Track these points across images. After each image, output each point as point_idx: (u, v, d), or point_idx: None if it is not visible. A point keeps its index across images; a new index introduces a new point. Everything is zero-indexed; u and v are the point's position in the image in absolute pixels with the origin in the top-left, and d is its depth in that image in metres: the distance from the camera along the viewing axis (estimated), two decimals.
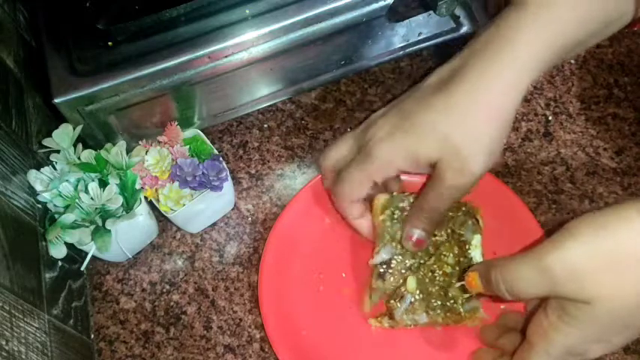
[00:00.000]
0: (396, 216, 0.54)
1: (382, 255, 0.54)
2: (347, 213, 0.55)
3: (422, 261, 0.54)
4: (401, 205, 0.54)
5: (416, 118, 0.47)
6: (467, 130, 0.44)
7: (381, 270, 0.53)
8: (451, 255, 0.55)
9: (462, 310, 0.54)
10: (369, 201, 0.56)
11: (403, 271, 0.53)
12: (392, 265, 0.53)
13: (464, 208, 0.56)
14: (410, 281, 0.54)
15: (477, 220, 0.57)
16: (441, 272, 0.55)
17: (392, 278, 0.53)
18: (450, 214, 0.55)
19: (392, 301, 0.54)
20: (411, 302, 0.54)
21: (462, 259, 0.55)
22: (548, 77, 0.71)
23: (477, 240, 0.56)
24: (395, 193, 0.55)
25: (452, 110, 0.45)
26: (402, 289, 0.54)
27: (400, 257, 0.53)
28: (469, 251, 0.56)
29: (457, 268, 0.55)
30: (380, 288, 0.53)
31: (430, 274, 0.55)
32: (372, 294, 0.55)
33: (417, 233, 0.51)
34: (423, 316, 0.54)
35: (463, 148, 0.45)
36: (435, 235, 0.54)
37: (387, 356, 0.57)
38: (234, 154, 0.69)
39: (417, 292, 0.54)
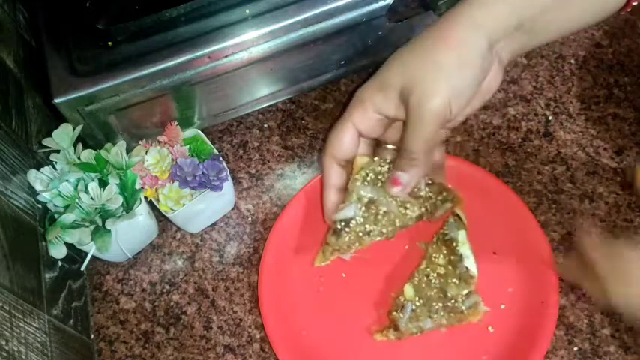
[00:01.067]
0: (369, 178, 0.53)
1: (345, 212, 0.52)
2: (326, 173, 0.54)
3: (384, 230, 0.53)
4: (378, 169, 0.53)
5: (387, 61, 0.50)
6: (426, 58, 0.46)
7: (339, 227, 0.52)
8: (441, 255, 0.56)
9: (463, 307, 0.54)
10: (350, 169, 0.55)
11: (361, 234, 0.52)
12: (351, 225, 0.52)
13: (444, 194, 0.56)
14: (407, 289, 0.55)
15: (459, 217, 0.58)
16: (435, 274, 0.55)
17: (347, 238, 0.52)
18: (430, 194, 0.55)
19: (394, 313, 0.55)
20: (412, 310, 0.54)
21: (452, 257, 0.56)
22: (548, 77, 0.71)
23: (462, 236, 0.57)
24: (376, 159, 0.54)
25: (415, 45, 0.48)
26: (402, 298, 0.55)
27: (362, 220, 0.52)
28: (457, 248, 0.56)
29: (450, 267, 0.55)
30: (333, 244, 0.53)
31: (425, 278, 0.55)
32: (324, 249, 0.55)
33: (398, 175, 0.51)
34: (428, 322, 0.54)
35: (422, 75, 0.46)
36: (406, 209, 0.53)
37: (387, 354, 0.57)
38: (234, 154, 0.69)
39: (416, 298, 0.54)
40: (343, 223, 0.52)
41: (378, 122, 0.51)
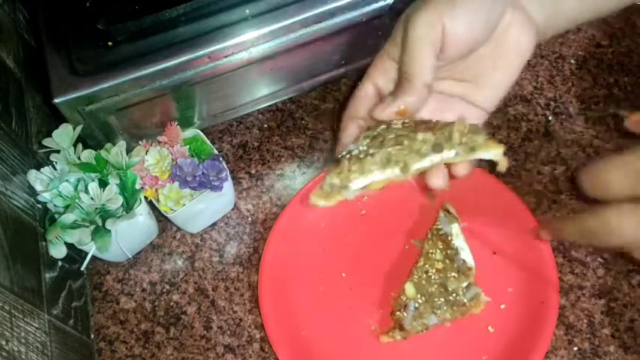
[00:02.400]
0: (378, 134, 0.45)
1: (349, 148, 0.45)
2: (341, 133, 0.48)
3: (391, 153, 0.42)
4: (391, 128, 0.44)
5: None
6: None
7: (339, 156, 0.45)
8: (437, 251, 0.57)
9: (465, 299, 0.54)
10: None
11: (362, 157, 0.43)
12: (352, 153, 0.44)
13: (472, 135, 0.44)
14: (408, 288, 0.55)
15: (449, 210, 0.59)
16: (434, 270, 0.56)
17: (347, 163, 0.43)
18: (446, 125, 0.43)
19: (397, 313, 0.55)
20: (415, 308, 0.54)
21: (448, 251, 0.57)
22: (548, 77, 0.71)
23: (455, 229, 0.58)
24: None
25: None
26: (403, 298, 0.55)
27: (365, 147, 0.44)
28: (453, 242, 0.57)
29: (447, 261, 0.56)
30: (331, 173, 0.43)
31: (424, 275, 0.56)
32: (322, 183, 0.44)
33: (385, 98, 0.45)
34: (432, 318, 0.54)
35: (417, 4, 0.42)
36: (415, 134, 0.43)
37: (387, 355, 0.57)
38: (234, 154, 0.69)
39: (418, 296, 0.54)
40: (344, 152, 0.44)
41: (395, 72, 0.46)
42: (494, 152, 0.41)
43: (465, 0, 0.41)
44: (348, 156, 0.44)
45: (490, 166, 0.65)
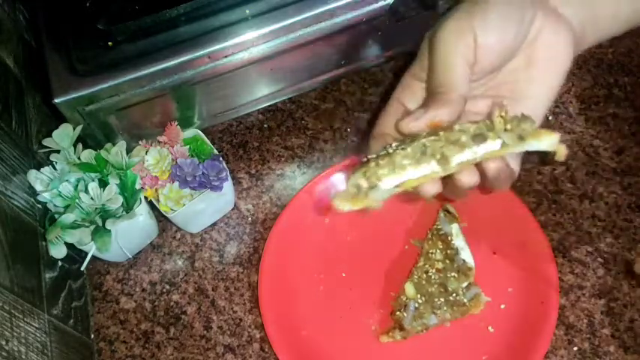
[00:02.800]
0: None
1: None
2: (369, 149, 0.44)
3: (426, 146, 0.37)
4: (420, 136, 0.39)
5: None
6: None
7: (364, 159, 0.39)
8: (437, 251, 0.57)
9: (465, 299, 0.54)
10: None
11: (393, 150, 0.38)
12: (381, 153, 0.38)
13: (519, 124, 0.40)
14: (408, 288, 0.55)
15: (449, 210, 0.59)
16: (434, 270, 0.56)
17: (375, 163, 0.37)
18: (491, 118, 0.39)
19: (397, 313, 0.55)
20: (415, 308, 0.54)
21: (448, 251, 0.57)
22: None
23: (455, 229, 0.58)
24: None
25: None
26: (403, 297, 0.55)
27: (395, 146, 0.38)
28: (452, 242, 0.57)
29: (447, 261, 0.56)
30: (359, 172, 0.38)
31: (424, 275, 0.56)
32: (349, 184, 0.38)
33: (413, 111, 0.40)
34: (432, 318, 0.54)
35: (442, 20, 0.40)
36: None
37: (387, 355, 0.57)
38: (234, 154, 0.69)
39: (418, 296, 0.55)
40: (371, 156, 0.38)
41: (423, 93, 0.43)
42: (548, 141, 0.36)
43: (495, 6, 0.39)
44: (376, 157, 0.38)
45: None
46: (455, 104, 0.38)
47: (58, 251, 0.54)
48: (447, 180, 0.39)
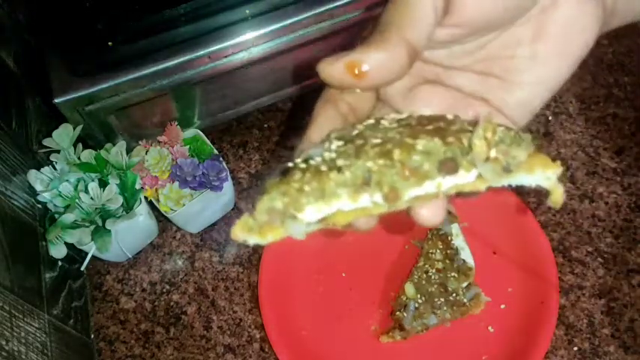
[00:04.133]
0: (358, 133, 0.30)
1: (307, 152, 0.30)
2: (313, 120, 0.33)
3: (369, 166, 0.27)
4: (379, 125, 0.30)
5: None
6: None
7: (290, 165, 0.29)
8: (437, 251, 0.57)
9: (465, 299, 0.54)
10: None
11: (325, 169, 0.27)
12: (310, 162, 0.28)
13: (509, 138, 0.30)
14: (408, 288, 0.55)
15: (449, 210, 0.59)
16: (434, 270, 0.56)
17: (299, 176, 0.28)
18: (467, 127, 0.30)
19: (397, 313, 0.55)
20: (415, 308, 0.54)
21: (448, 251, 0.56)
22: None
23: (455, 229, 0.57)
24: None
25: None
26: (403, 297, 0.55)
27: (334, 155, 0.28)
28: (452, 242, 0.57)
29: (447, 261, 0.56)
30: (271, 188, 0.28)
31: (424, 275, 0.56)
32: (259, 205, 0.28)
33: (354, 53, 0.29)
34: (432, 318, 0.54)
35: None
36: (415, 139, 0.28)
37: (387, 355, 0.57)
38: (234, 154, 0.69)
39: (418, 296, 0.54)
40: (300, 159, 0.29)
41: None
42: (545, 175, 0.26)
43: None
44: (303, 166, 0.28)
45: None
46: (392, 50, 0.28)
47: (58, 251, 0.54)
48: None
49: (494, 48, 0.31)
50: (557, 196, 0.27)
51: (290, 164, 0.29)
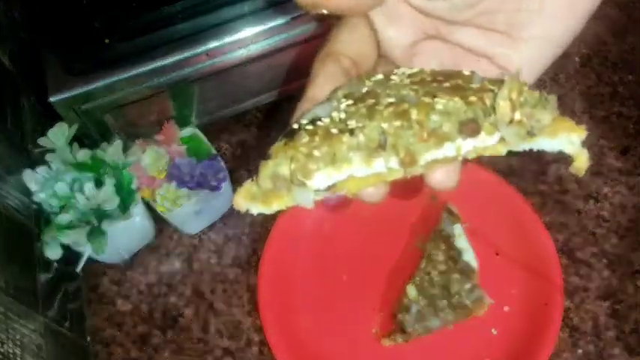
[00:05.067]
0: (369, 90, 0.28)
1: (313, 111, 0.28)
2: (312, 77, 0.31)
3: (384, 127, 0.25)
4: (390, 81, 0.28)
5: None
6: None
7: (296, 126, 0.27)
8: (440, 252, 0.56)
9: (468, 302, 0.54)
10: None
11: (336, 132, 0.25)
12: (318, 123, 0.26)
13: (532, 98, 0.27)
14: (410, 290, 0.55)
15: (451, 211, 0.58)
16: (436, 272, 0.55)
17: (307, 139, 0.26)
18: (489, 85, 0.27)
19: (399, 315, 0.54)
20: (418, 310, 0.54)
21: (450, 252, 0.56)
22: (552, 75, 0.70)
23: (458, 229, 0.57)
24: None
25: None
26: (405, 300, 0.54)
27: (343, 115, 0.26)
28: (455, 243, 0.56)
29: (450, 263, 0.55)
30: (277, 152, 0.26)
31: (427, 277, 0.55)
32: (260, 173, 0.26)
33: None
34: (435, 320, 0.53)
35: None
36: (434, 98, 0.26)
37: (389, 358, 0.56)
38: (232, 154, 0.68)
39: (420, 298, 0.54)
40: (305, 120, 0.27)
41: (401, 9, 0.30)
42: (569, 140, 0.25)
43: None
44: (310, 127, 0.26)
45: (493, 165, 0.65)
46: None
47: (54, 252, 0.53)
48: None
49: (497, 0, 0.29)
50: (582, 162, 0.25)
51: (295, 126, 0.26)
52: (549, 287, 0.56)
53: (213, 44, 0.55)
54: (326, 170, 0.25)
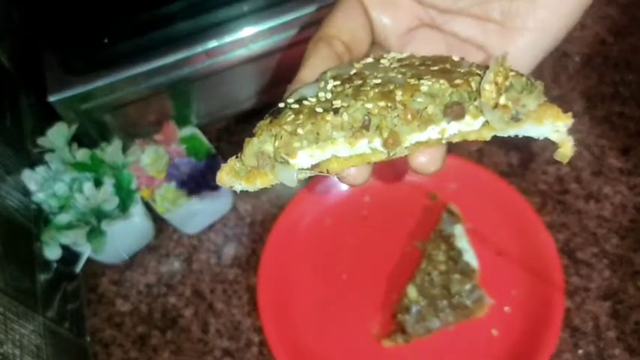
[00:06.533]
0: (357, 72, 0.28)
1: (300, 91, 0.28)
2: (306, 59, 0.31)
3: (369, 106, 0.25)
4: (379, 64, 0.29)
5: None
6: None
7: (281, 105, 0.27)
8: (440, 253, 0.56)
9: (468, 302, 0.54)
10: None
11: (321, 111, 0.26)
12: (304, 102, 0.27)
13: (516, 82, 0.27)
14: (410, 290, 0.54)
15: (452, 211, 0.58)
16: (437, 272, 0.55)
17: (291, 117, 0.26)
18: (475, 70, 0.27)
19: (399, 316, 0.54)
20: (418, 311, 0.53)
21: (451, 252, 0.56)
22: (553, 75, 0.70)
23: (458, 229, 0.56)
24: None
25: None
26: (406, 300, 0.54)
27: (330, 95, 0.27)
28: (455, 243, 0.56)
29: (450, 263, 0.55)
30: (262, 130, 0.26)
31: (427, 277, 0.55)
32: (245, 149, 0.27)
33: None
34: (435, 321, 0.53)
35: None
36: (420, 80, 0.26)
37: (387, 358, 0.56)
38: (232, 153, 0.67)
39: (420, 299, 0.54)
40: (292, 99, 0.27)
41: None
42: (555, 126, 0.25)
43: None
44: (296, 106, 0.26)
45: (494, 165, 0.66)
46: None
47: (53, 252, 0.53)
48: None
49: None
50: (566, 149, 0.25)
51: (281, 104, 0.26)
52: (550, 288, 0.55)
53: (212, 44, 0.55)
54: (310, 149, 0.25)
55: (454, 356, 0.55)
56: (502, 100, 0.24)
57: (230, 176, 0.27)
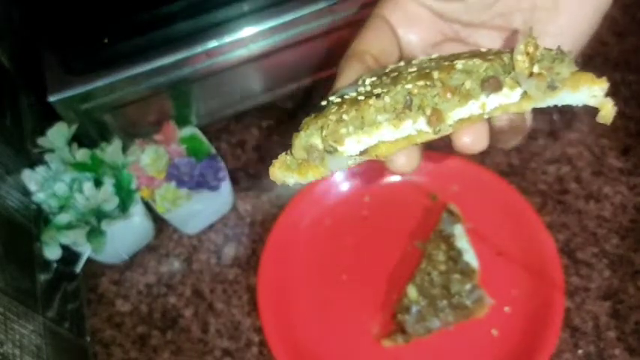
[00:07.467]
0: (391, 70, 0.31)
1: (340, 92, 0.30)
2: (341, 73, 0.34)
3: (408, 88, 0.27)
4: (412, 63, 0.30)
5: None
6: None
7: (324, 102, 0.30)
8: (440, 252, 0.56)
9: (468, 302, 0.54)
10: None
11: (362, 99, 0.27)
12: (345, 97, 0.29)
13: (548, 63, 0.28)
14: (410, 290, 0.55)
15: (452, 211, 0.58)
16: (436, 272, 0.55)
17: (335, 109, 0.28)
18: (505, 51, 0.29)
19: (399, 316, 0.54)
20: (418, 311, 0.53)
21: (451, 252, 0.56)
22: None
23: (458, 229, 0.56)
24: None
25: None
26: (406, 300, 0.54)
27: (369, 87, 0.28)
28: (455, 243, 0.56)
29: (450, 263, 0.55)
30: (308, 125, 0.28)
31: (427, 277, 0.55)
32: (294, 144, 0.28)
33: None
34: (435, 321, 0.53)
35: None
36: (452, 62, 0.28)
37: (387, 358, 0.56)
38: (232, 154, 0.68)
39: (420, 299, 0.54)
40: (332, 97, 0.29)
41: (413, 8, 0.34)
42: (591, 91, 0.26)
43: None
44: (338, 100, 0.27)
45: (495, 165, 0.66)
46: None
47: (53, 252, 0.53)
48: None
49: (513, 0, 0.30)
50: (607, 111, 0.26)
51: (324, 102, 0.28)
52: (550, 288, 0.55)
53: (212, 44, 0.55)
54: (356, 135, 0.26)
55: (454, 356, 0.55)
56: (536, 69, 0.25)
57: (282, 170, 0.28)
